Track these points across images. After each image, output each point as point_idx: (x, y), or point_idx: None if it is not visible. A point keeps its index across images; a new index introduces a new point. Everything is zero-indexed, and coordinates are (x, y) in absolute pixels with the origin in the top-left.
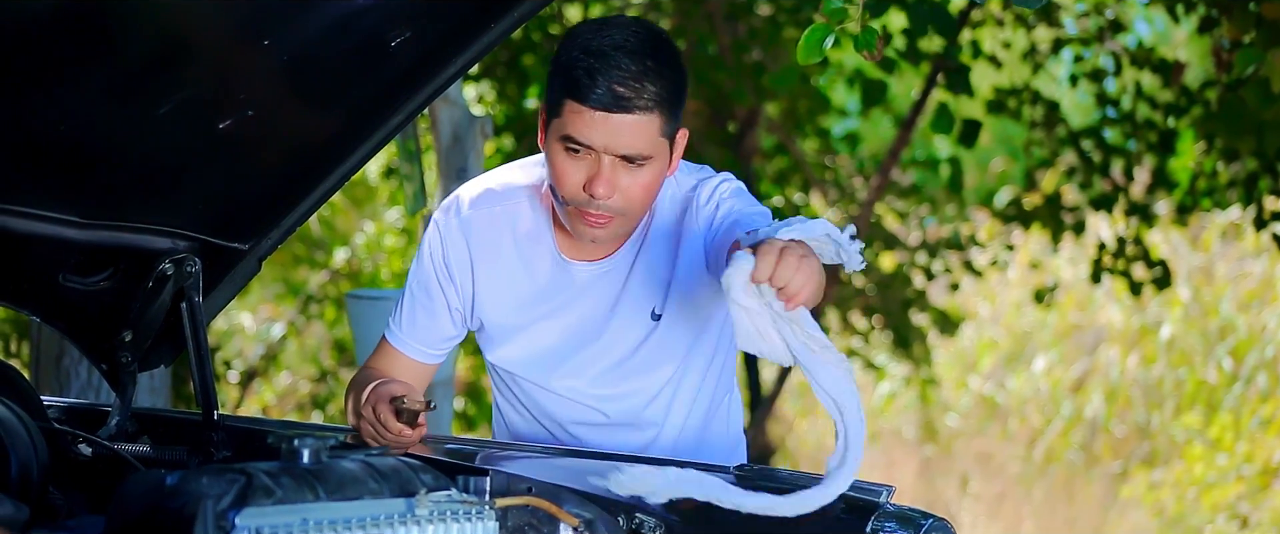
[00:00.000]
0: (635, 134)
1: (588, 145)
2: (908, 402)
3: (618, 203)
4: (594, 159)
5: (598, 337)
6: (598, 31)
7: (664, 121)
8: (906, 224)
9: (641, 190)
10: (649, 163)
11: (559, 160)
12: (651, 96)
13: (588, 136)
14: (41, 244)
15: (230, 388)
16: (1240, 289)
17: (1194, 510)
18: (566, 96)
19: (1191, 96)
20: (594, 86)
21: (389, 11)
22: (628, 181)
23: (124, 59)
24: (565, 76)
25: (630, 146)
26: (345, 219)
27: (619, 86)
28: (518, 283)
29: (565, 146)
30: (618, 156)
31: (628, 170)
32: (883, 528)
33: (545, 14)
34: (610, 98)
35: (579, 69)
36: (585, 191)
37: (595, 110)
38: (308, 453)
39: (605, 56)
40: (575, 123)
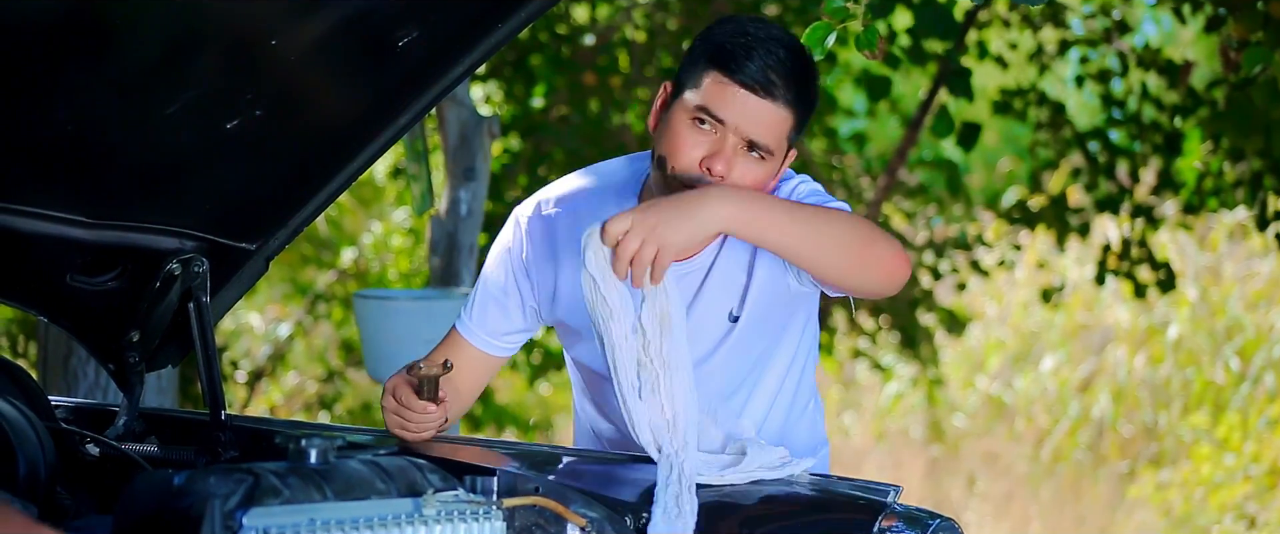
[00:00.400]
0: (770, 123)
1: (721, 120)
2: (915, 402)
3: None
4: (720, 137)
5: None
6: (755, 22)
7: (794, 124)
8: (913, 224)
9: (752, 184)
10: (767, 160)
11: (683, 131)
12: (795, 95)
13: (725, 111)
14: (49, 244)
15: (238, 388)
16: (1247, 289)
17: (1201, 510)
18: (714, 67)
19: (1198, 97)
20: (748, 62)
21: (396, 11)
22: (743, 169)
23: (131, 59)
24: (717, 51)
25: (762, 134)
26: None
27: (772, 72)
28: None
29: (695, 118)
30: (744, 140)
31: (746, 159)
32: (890, 528)
33: (552, 14)
34: (762, 78)
35: (736, 45)
36: (702, 167)
37: (741, 87)
38: (315, 453)
39: (763, 42)
40: (717, 94)
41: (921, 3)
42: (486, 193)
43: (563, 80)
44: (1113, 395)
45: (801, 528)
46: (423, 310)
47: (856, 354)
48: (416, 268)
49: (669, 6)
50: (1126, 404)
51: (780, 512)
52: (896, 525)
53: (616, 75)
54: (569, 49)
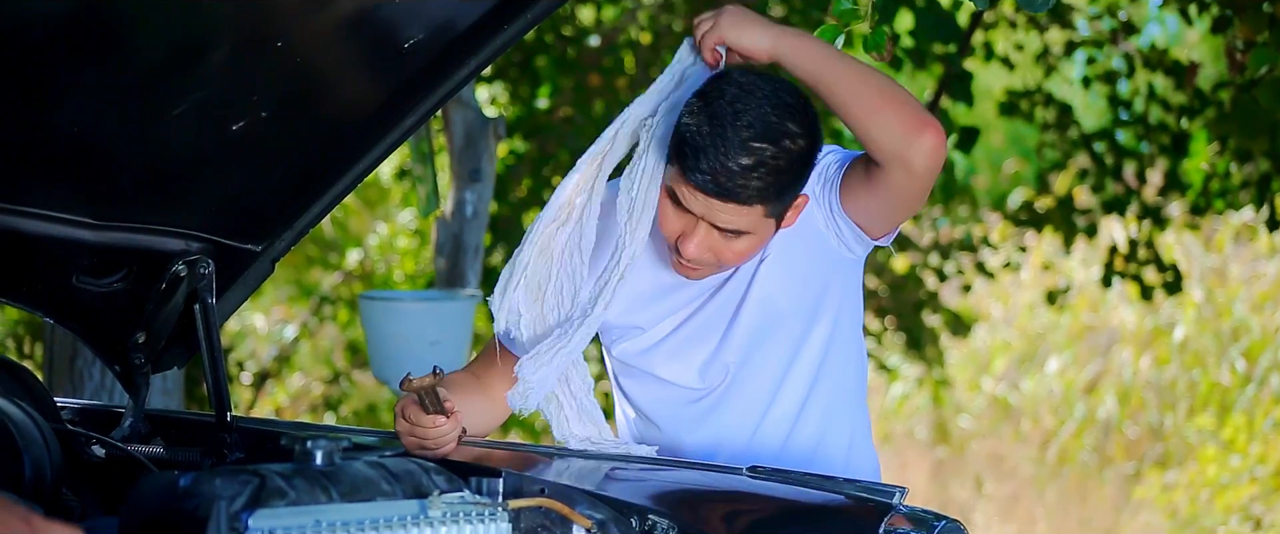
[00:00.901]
0: (734, 216)
1: (687, 209)
2: (920, 403)
3: (710, 258)
4: (692, 220)
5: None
6: (734, 101)
7: (767, 209)
8: (919, 225)
9: (734, 255)
10: (747, 235)
11: (663, 203)
12: (755, 191)
13: (689, 202)
14: (55, 246)
15: (243, 389)
16: (1253, 290)
17: (1207, 512)
18: (676, 160)
19: (1204, 98)
20: (699, 167)
21: (402, 13)
22: (722, 246)
23: (137, 60)
24: (680, 141)
25: (728, 224)
26: (358, 220)
27: (722, 176)
28: (642, 280)
29: (669, 195)
30: (714, 227)
31: (724, 237)
32: (896, 529)
33: (557, 15)
34: (713, 185)
35: (692, 142)
36: (674, 241)
37: (697, 189)
38: (321, 454)
39: (723, 140)
40: (679, 186)
41: (925, 6)
42: (492, 194)
43: (568, 81)
44: (1118, 397)
45: (807, 530)
46: (428, 312)
47: None
48: (422, 269)
49: (674, 8)
50: (1132, 406)
51: (785, 513)
52: (902, 527)
53: (622, 76)
54: (574, 50)
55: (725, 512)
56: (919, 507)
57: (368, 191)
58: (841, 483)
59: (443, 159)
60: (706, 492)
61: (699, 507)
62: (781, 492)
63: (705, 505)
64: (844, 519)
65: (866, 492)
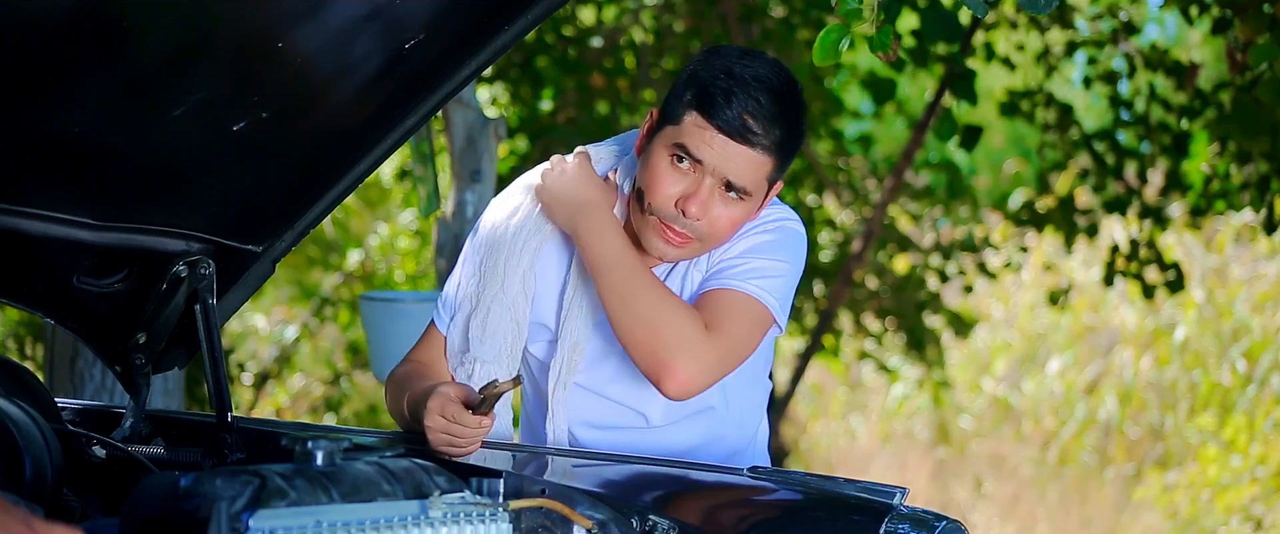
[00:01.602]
0: (747, 167)
1: (698, 160)
2: (921, 404)
3: (703, 227)
4: (697, 177)
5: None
6: (742, 58)
7: (774, 167)
8: (920, 226)
9: (728, 223)
10: (746, 200)
11: (661, 167)
12: (774, 140)
13: (702, 152)
14: (56, 246)
15: (244, 390)
16: (1254, 291)
17: (1208, 512)
18: (695, 109)
19: (1205, 98)
20: (727, 108)
21: (403, 14)
22: (719, 211)
23: (138, 61)
24: (700, 91)
25: (739, 176)
26: (359, 221)
27: (750, 117)
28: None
29: (673, 155)
30: (721, 181)
31: (724, 200)
32: (896, 530)
33: (559, 16)
34: (740, 124)
35: (717, 87)
36: (677, 207)
37: (719, 132)
38: (321, 455)
39: (746, 85)
40: (695, 135)
41: (927, 6)
42: (493, 195)
43: (570, 82)
44: (1119, 397)
45: (808, 530)
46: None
47: (863, 356)
48: (423, 270)
49: (675, 8)
50: (1133, 406)
51: (786, 513)
52: (902, 527)
53: (623, 77)
54: (576, 51)
55: (725, 512)
56: (919, 507)
57: (368, 192)
58: (842, 483)
59: (443, 160)
60: (707, 492)
61: (699, 507)
62: (782, 492)
63: (705, 506)
64: (845, 519)
65: (867, 492)
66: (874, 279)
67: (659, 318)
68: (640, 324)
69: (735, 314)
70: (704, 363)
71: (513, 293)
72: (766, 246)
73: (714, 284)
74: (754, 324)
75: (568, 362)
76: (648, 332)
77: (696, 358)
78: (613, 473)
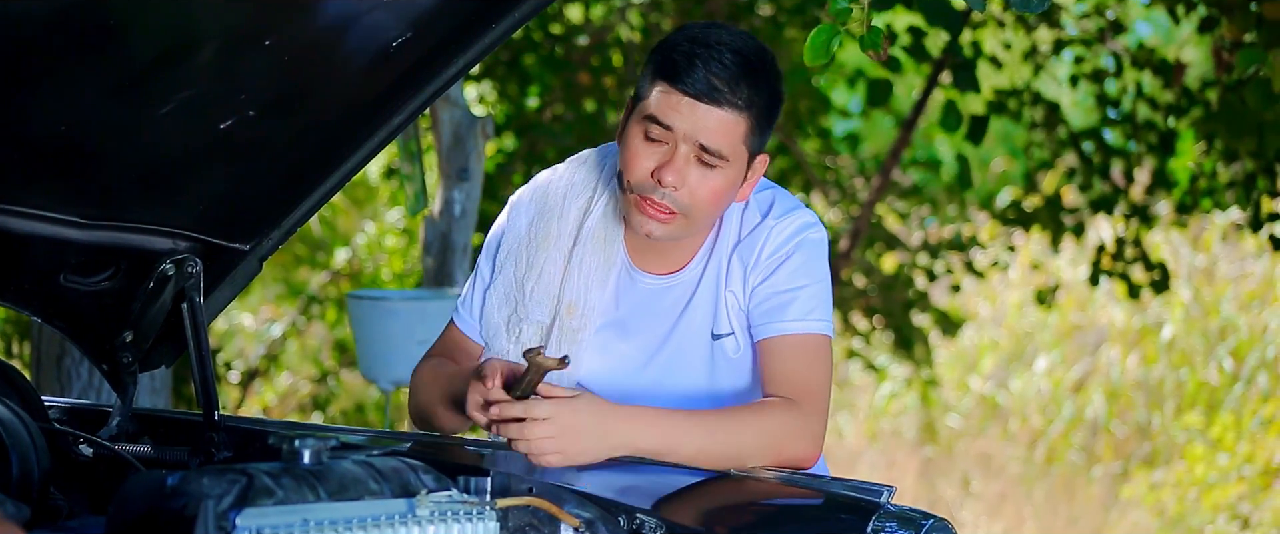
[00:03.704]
0: (720, 129)
1: (669, 127)
2: (909, 402)
3: (683, 198)
4: (671, 147)
5: (670, 354)
6: (707, 28)
7: (750, 128)
8: (908, 225)
9: (709, 194)
10: (723, 167)
11: (635, 143)
12: (745, 99)
13: (671, 119)
14: (42, 244)
15: (231, 388)
16: (1241, 289)
17: (1195, 511)
18: (660, 78)
19: (1192, 97)
20: (691, 71)
21: (390, 12)
22: (697, 179)
23: (125, 59)
24: (664, 59)
25: (712, 139)
26: (346, 219)
27: (716, 78)
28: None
29: (645, 129)
30: (696, 149)
31: (700, 169)
32: (884, 528)
33: (546, 14)
34: (706, 86)
35: (680, 53)
36: (653, 178)
37: (686, 96)
38: (308, 453)
39: (710, 48)
40: (663, 104)
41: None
42: (480, 193)
43: (557, 80)
44: (1106, 396)
45: (795, 528)
46: (416, 311)
47: (851, 355)
48: (410, 268)
49: (663, 6)
50: (1120, 404)
51: (773, 511)
52: (890, 526)
53: (610, 75)
54: (563, 49)
55: (713, 510)
56: (907, 505)
57: (356, 190)
58: (829, 481)
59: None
60: (694, 490)
61: (687, 505)
62: (769, 490)
63: (693, 504)
64: (832, 517)
65: (854, 490)
66: (862, 278)
67: (751, 439)
68: (749, 460)
69: (807, 361)
70: (816, 435)
71: (563, 251)
72: (800, 269)
73: (775, 330)
74: (823, 357)
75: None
76: (758, 457)
77: (810, 438)
78: (600, 471)
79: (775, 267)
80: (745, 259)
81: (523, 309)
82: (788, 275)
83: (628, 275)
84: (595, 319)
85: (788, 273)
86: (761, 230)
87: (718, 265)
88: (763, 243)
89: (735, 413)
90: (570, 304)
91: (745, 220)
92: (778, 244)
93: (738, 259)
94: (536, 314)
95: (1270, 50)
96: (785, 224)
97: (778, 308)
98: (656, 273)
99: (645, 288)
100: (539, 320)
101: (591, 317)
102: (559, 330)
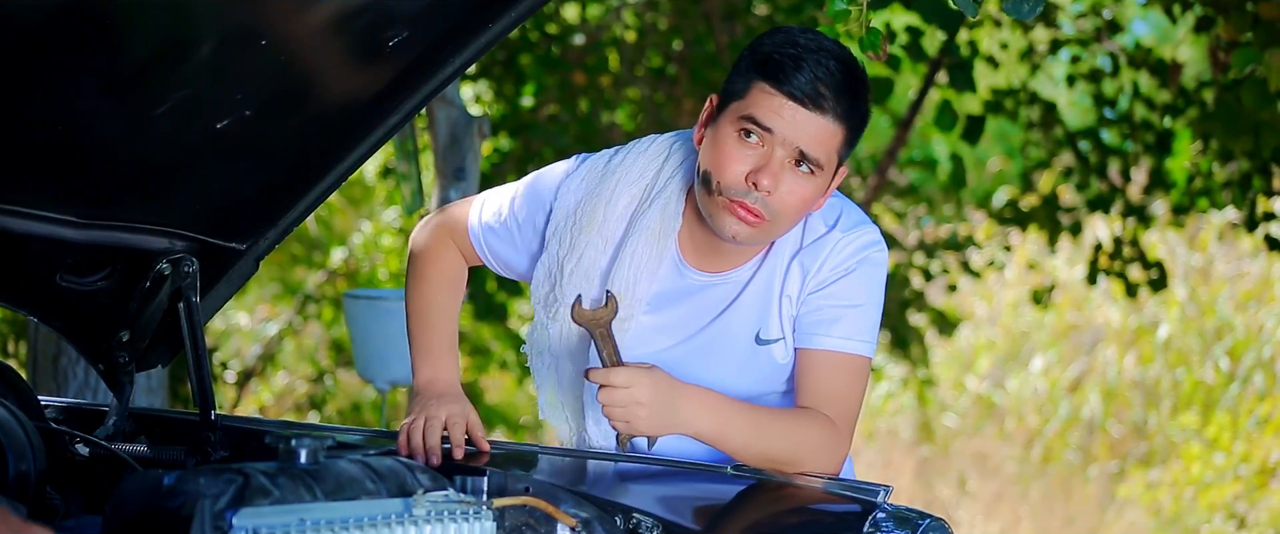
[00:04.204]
0: (820, 136)
1: (769, 129)
2: (905, 402)
3: (774, 203)
4: (767, 150)
5: (700, 346)
6: (804, 33)
7: (844, 139)
8: (904, 224)
9: (797, 201)
10: (816, 175)
11: (729, 144)
12: (846, 108)
13: (772, 120)
14: (39, 244)
15: (227, 388)
16: (1237, 289)
17: (1191, 510)
18: (762, 78)
19: (1188, 97)
20: (798, 73)
21: (386, 11)
22: (790, 184)
23: (121, 58)
24: (766, 60)
25: (812, 146)
26: (342, 219)
27: (822, 84)
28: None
29: (741, 129)
30: (792, 153)
31: (794, 175)
32: (880, 527)
33: (542, 13)
34: (811, 90)
35: (785, 55)
36: (747, 181)
37: (789, 98)
38: (305, 453)
39: (814, 52)
40: (764, 104)
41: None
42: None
43: (553, 79)
44: (1103, 395)
45: (792, 527)
46: None
47: None
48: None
49: (659, 6)
50: (1116, 404)
51: (770, 511)
52: (886, 525)
53: (606, 74)
54: (559, 48)
55: (709, 510)
56: (903, 505)
57: (352, 190)
58: (826, 481)
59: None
60: (691, 490)
61: (683, 505)
62: (766, 490)
63: (689, 504)
64: (828, 517)
65: (851, 490)
66: None
67: (789, 445)
68: (777, 464)
69: (849, 381)
70: (840, 456)
71: (606, 238)
72: (858, 287)
73: (820, 344)
74: (861, 378)
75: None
76: (785, 464)
77: (836, 457)
78: (597, 471)
79: (834, 279)
80: (806, 266)
81: (560, 290)
82: (844, 291)
83: (676, 270)
84: (640, 309)
85: (844, 288)
86: (827, 241)
87: (771, 270)
88: (827, 253)
89: (783, 416)
90: (618, 293)
91: (809, 228)
92: (842, 258)
93: (799, 265)
94: (572, 297)
95: (1266, 50)
96: (852, 238)
97: (827, 321)
98: (707, 271)
99: (691, 283)
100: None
101: (637, 307)
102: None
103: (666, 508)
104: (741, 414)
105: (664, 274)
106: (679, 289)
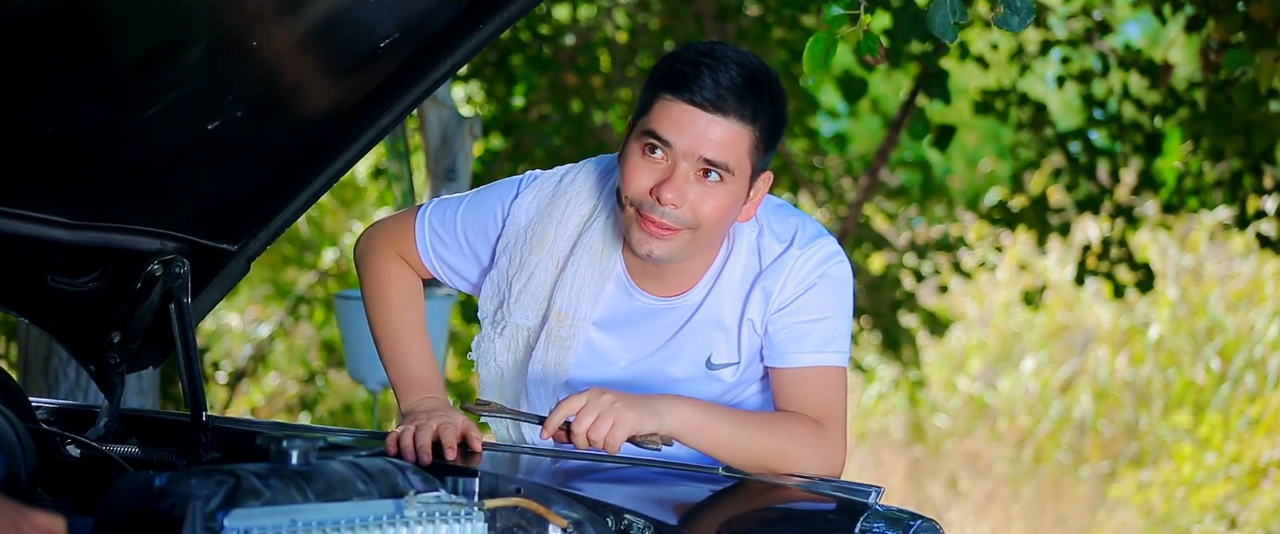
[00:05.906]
0: (723, 140)
1: (669, 143)
2: (896, 403)
3: (685, 215)
4: (670, 164)
5: (653, 368)
6: (711, 45)
7: (754, 143)
8: (895, 225)
9: (713, 211)
10: (726, 182)
11: (634, 159)
12: (750, 111)
13: (672, 133)
14: (30, 245)
15: (219, 389)
16: (1228, 289)
17: (1182, 510)
18: (663, 90)
19: (1178, 97)
20: (697, 79)
21: (378, 12)
22: (697, 196)
23: (113, 59)
24: (667, 72)
25: (715, 152)
26: (334, 220)
27: (722, 88)
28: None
29: (644, 144)
30: (697, 162)
31: (701, 184)
32: (871, 528)
33: (533, 14)
34: (711, 94)
35: (684, 63)
36: (652, 195)
37: (689, 104)
38: (296, 454)
39: (714, 60)
40: (664, 116)
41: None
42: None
43: (544, 80)
44: (1094, 396)
45: (782, 528)
46: None
47: None
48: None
49: (650, 6)
50: (1108, 404)
51: (761, 512)
52: (878, 526)
53: (597, 75)
54: (550, 49)
55: (700, 511)
56: (895, 506)
57: (343, 190)
58: (817, 482)
59: (418, 158)
60: (682, 491)
61: (674, 506)
62: (757, 491)
63: (680, 505)
64: (820, 518)
65: (842, 491)
66: None
67: (775, 440)
68: (766, 463)
69: (827, 391)
70: (832, 459)
71: (556, 258)
72: (823, 302)
73: (792, 361)
74: (838, 386)
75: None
76: (775, 462)
77: (824, 452)
78: (588, 472)
79: (797, 296)
80: (769, 289)
81: (507, 308)
82: (808, 306)
83: (625, 292)
84: (584, 329)
85: (808, 304)
86: (786, 260)
87: (720, 295)
88: (788, 272)
89: (764, 414)
90: (560, 312)
91: (765, 249)
92: (804, 274)
93: (762, 290)
94: (519, 317)
95: (1257, 51)
96: (810, 253)
97: (797, 338)
98: (656, 294)
99: (640, 307)
100: (521, 323)
101: (580, 326)
102: (547, 336)
103: (657, 509)
104: (719, 410)
105: (612, 295)
106: (630, 311)
